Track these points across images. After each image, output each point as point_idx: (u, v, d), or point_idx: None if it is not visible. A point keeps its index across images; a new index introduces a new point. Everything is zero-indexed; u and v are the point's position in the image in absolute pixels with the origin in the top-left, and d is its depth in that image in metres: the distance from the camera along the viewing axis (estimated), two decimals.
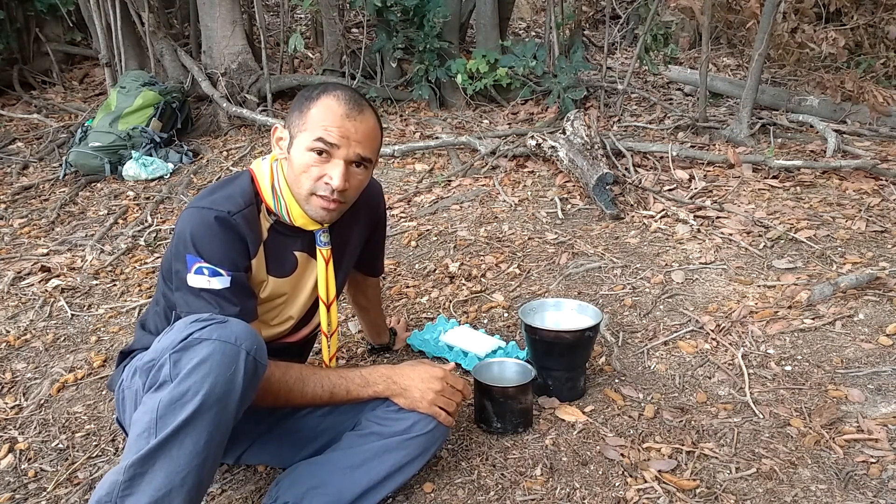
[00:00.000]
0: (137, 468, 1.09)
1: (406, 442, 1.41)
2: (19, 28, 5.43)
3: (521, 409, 1.64)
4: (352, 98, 1.35)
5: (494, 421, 1.63)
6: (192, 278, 1.30)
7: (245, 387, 1.15)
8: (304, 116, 1.34)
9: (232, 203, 1.34)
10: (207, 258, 1.30)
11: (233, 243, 1.33)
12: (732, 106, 4.18)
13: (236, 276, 1.33)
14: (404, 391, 1.41)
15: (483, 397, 1.64)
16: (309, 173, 1.34)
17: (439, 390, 1.42)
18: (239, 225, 1.33)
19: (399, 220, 3.05)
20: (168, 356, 1.14)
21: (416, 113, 4.50)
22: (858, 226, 2.58)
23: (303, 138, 1.33)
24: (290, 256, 1.46)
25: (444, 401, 1.42)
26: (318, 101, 1.34)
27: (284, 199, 1.39)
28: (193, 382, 1.10)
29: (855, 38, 4.35)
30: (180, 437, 1.09)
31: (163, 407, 1.10)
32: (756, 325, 2.03)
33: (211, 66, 4.56)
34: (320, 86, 1.38)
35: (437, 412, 1.42)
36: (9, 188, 3.74)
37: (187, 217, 1.33)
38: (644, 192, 3.04)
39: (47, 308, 2.48)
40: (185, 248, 1.31)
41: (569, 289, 2.35)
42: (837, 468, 1.48)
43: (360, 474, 1.39)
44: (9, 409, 1.92)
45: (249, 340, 1.17)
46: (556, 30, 4.46)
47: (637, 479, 1.48)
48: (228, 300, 1.31)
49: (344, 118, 1.32)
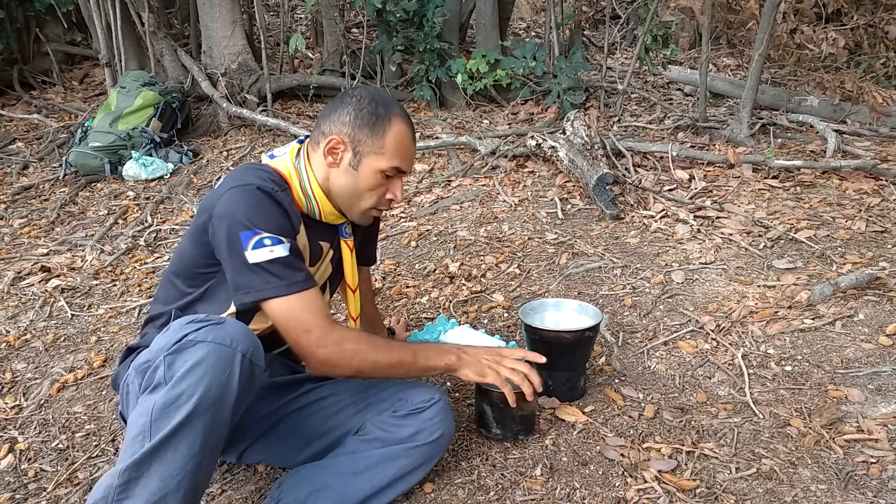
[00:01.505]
0: (132, 472, 1.08)
1: (410, 450, 1.40)
2: (19, 28, 5.42)
3: (522, 416, 1.59)
4: (409, 118, 1.44)
5: (494, 427, 1.60)
6: (253, 254, 1.26)
7: (241, 389, 1.14)
8: (381, 140, 1.38)
9: (270, 183, 1.33)
10: (266, 227, 1.27)
11: (282, 213, 1.32)
12: (732, 106, 4.18)
13: (293, 243, 1.32)
14: (473, 359, 1.43)
15: (483, 401, 1.60)
16: (376, 192, 1.42)
17: (506, 364, 1.44)
18: (283, 200, 1.33)
19: (399, 220, 3.05)
20: (162, 358, 1.13)
21: (417, 113, 4.51)
22: (858, 226, 2.58)
23: (377, 161, 1.39)
24: (318, 245, 1.49)
25: (511, 372, 1.43)
26: (392, 124, 1.39)
27: (317, 200, 1.42)
28: (188, 386, 1.09)
29: (855, 38, 4.36)
30: (175, 441, 1.08)
31: (157, 410, 1.09)
32: (756, 325, 2.03)
33: (211, 66, 4.56)
34: (383, 102, 1.40)
35: (503, 382, 1.42)
36: (9, 188, 3.74)
37: (231, 198, 1.30)
38: (644, 192, 3.04)
39: (47, 308, 2.48)
40: (237, 227, 1.27)
41: (569, 289, 2.35)
42: (837, 468, 1.48)
43: (363, 480, 1.39)
44: (9, 409, 1.92)
45: (245, 342, 1.16)
46: (556, 30, 4.46)
47: (637, 479, 1.48)
48: (293, 266, 1.29)
49: (412, 144, 1.44)
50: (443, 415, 1.43)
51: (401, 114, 1.42)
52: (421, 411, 1.43)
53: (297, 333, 1.29)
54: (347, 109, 1.39)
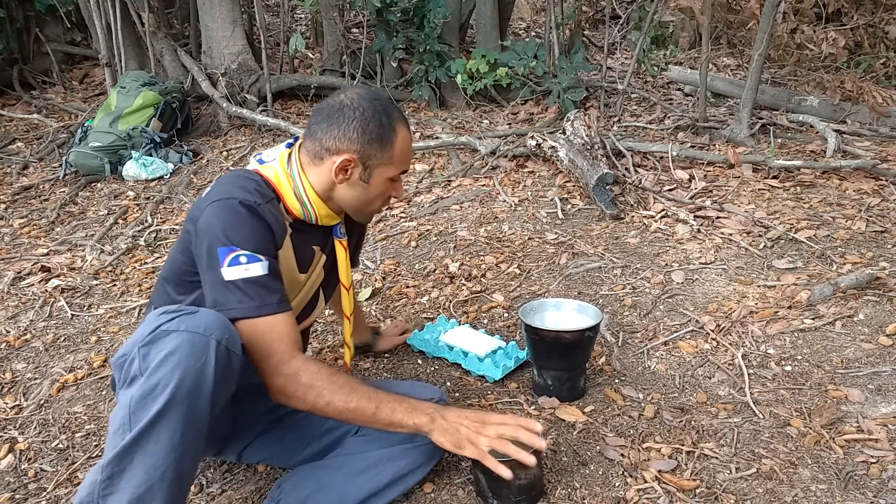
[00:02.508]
0: (115, 466, 1.08)
1: (410, 450, 1.40)
2: (19, 28, 5.42)
3: (521, 485, 1.38)
4: (405, 118, 1.44)
5: (490, 497, 1.41)
6: (228, 271, 1.25)
7: (218, 376, 1.12)
8: (390, 151, 1.39)
9: (254, 196, 1.32)
10: (242, 245, 1.26)
11: (263, 229, 1.31)
12: (732, 106, 4.18)
13: (272, 261, 1.30)
14: (450, 426, 1.27)
15: (476, 468, 1.41)
16: (384, 196, 1.46)
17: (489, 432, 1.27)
18: (266, 214, 1.32)
19: (399, 220, 3.05)
20: (137, 350, 1.12)
21: (417, 113, 4.51)
22: (858, 226, 2.58)
23: (387, 171, 1.41)
24: (309, 250, 1.48)
25: (496, 442, 1.26)
26: (397, 133, 1.40)
27: (313, 205, 1.42)
28: (163, 375, 1.08)
29: (855, 38, 4.35)
30: (155, 432, 1.08)
31: (134, 402, 1.09)
32: (756, 325, 2.03)
33: (211, 66, 4.56)
34: (384, 109, 1.39)
35: (483, 455, 1.25)
36: (9, 188, 3.74)
37: (212, 211, 1.29)
38: (644, 192, 3.04)
39: (47, 308, 2.48)
40: (216, 242, 1.26)
41: (569, 289, 2.35)
42: (837, 468, 1.48)
43: (363, 480, 1.38)
44: (9, 409, 1.92)
45: (220, 329, 1.14)
46: (556, 30, 4.46)
47: (637, 479, 1.48)
48: (267, 287, 1.27)
49: (411, 143, 1.46)
50: None
51: (401, 118, 1.42)
52: None
53: (259, 357, 1.26)
54: (353, 125, 1.36)
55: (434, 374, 1.95)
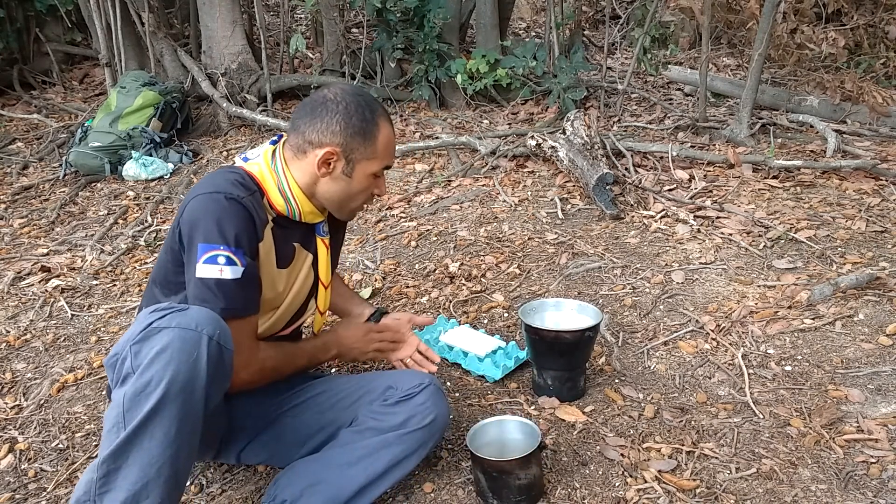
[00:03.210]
0: (111, 463, 1.08)
1: (404, 436, 1.40)
2: (19, 28, 5.42)
3: (521, 485, 1.41)
4: (388, 112, 1.46)
5: (490, 497, 1.44)
6: (202, 268, 1.26)
7: (211, 372, 1.13)
8: (373, 145, 1.40)
9: (237, 188, 1.33)
10: (223, 241, 1.27)
11: (246, 221, 1.31)
12: (732, 106, 4.18)
13: (249, 264, 1.31)
14: (350, 350, 1.60)
15: (476, 468, 1.45)
16: (367, 192, 1.47)
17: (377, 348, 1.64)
18: (249, 207, 1.33)
19: (399, 220, 3.05)
20: (129, 348, 1.13)
21: (416, 113, 4.50)
22: (858, 226, 2.58)
23: (371, 165, 1.42)
24: (290, 247, 1.48)
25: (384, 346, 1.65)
26: (380, 127, 1.40)
27: (297, 201, 1.42)
28: (155, 372, 1.09)
29: (855, 38, 4.35)
30: (150, 429, 1.08)
31: (128, 400, 1.09)
32: (756, 325, 2.03)
33: (211, 66, 4.56)
34: (367, 104, 1.40)
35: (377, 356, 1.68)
36: (9, 188, 3.75)
37: (196, 205, 1.30)
38: (644, 192, 3.04)
39: (47, 308, 2.49)
40: (198, 236, 1.28)
41: (569, 289, 2.35)
42: (837, 468, 1.48)
43: (357, 470, 1.39)
44: (9, 409, 1.92)
45: (212, 325, 1.15)
46: (556, 30, 4.46)
47: (637, 479, 1.48)
48: (238, 290, 1.29)
49: (394, 138, 1.46)
50: (434, 398, 1.44)
51: (383, 112, 1.43)
52: (412, 397, 1.43)
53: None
54: (336, 118, 1.37)
55: (434, 373, 1.94)
